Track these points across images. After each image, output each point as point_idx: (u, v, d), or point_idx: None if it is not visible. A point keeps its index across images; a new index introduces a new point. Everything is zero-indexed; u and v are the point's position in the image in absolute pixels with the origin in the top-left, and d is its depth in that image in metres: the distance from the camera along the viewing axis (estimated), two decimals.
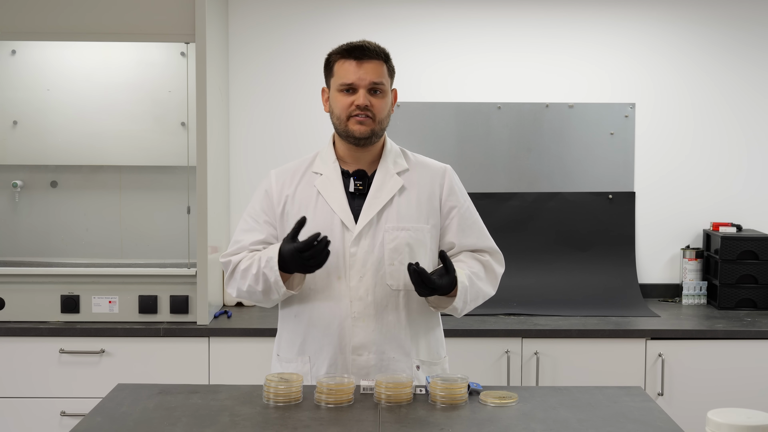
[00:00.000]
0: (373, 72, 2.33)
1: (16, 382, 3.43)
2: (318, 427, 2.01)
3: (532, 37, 4.04)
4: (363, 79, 2.32)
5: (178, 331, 3.43)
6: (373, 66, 2.34)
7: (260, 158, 4.00)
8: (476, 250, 2.48)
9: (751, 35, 4.04)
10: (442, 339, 2.53)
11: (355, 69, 2.33)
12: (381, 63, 2.36)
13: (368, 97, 2.33)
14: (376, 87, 2.34)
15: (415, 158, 2.49)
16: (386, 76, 2.37)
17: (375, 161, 2.43)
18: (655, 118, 4.06)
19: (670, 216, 4.08)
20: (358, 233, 2.35)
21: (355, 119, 2.34)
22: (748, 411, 1.90)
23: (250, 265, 2.35)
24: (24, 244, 3.84)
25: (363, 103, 2.32)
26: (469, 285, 2.35)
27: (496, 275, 2.48)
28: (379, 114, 2.35)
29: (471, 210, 2.49)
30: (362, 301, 2.35)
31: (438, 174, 2.47)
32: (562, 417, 2.11)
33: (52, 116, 3.79)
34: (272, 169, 2.51)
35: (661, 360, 3.41)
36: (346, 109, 2.34)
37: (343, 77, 2.34)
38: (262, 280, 2.31)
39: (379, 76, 2.34)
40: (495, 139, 4.03)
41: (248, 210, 2.48)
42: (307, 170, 2.45)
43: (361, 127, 2.34)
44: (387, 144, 2.46)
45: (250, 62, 4.02)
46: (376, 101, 2.34)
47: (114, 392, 2.30)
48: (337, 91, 2.36)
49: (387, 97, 2.38)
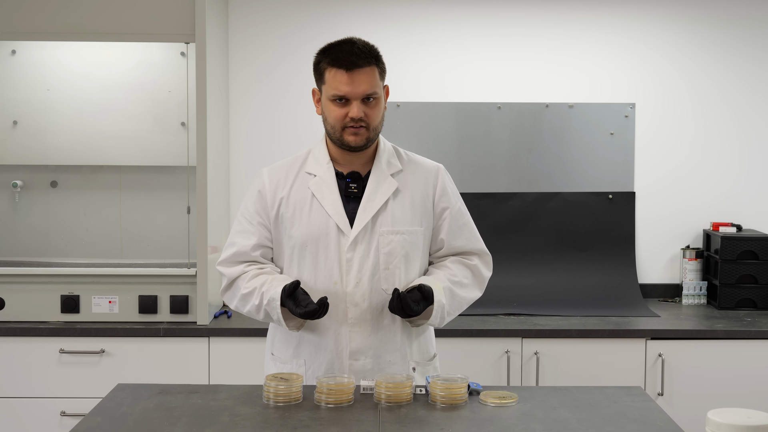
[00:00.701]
0: (366, 82, 2.28)
1: (16, 382, 3.43)
2: (318, 427, 2.01)
3: (532, 37, 4.04)
4: (356, 92, 2.28)
5: (178, 331, 3.43)
6: (365, 75, 2.28)
7: (260, 158, 4.00)
8: (465, 252, 2.47)
9: (752, 35, 4.04)
10: (432, 338, 2.54)
11: (348, 81, 2.27)
12: (373, 68, 2.30)
13: (362, 107, 2.29)
14: (369, 96, 2.30)
15: (408, 157, 2.47)
16: (378, 81, 2.32)
17: (369, 162, 2.41)
18: (655, 118, 4.06)
19: (670, 216, 4.08)
20: (354, 238, 2.34)
21: (350, 130, 2.31)
22: (748, 411, 1.90)
23: (250, 293, 2.34)
24: (24, 244, 3.84)
25: (358, 115, 2.28)
26: (449, 300, 2.36)
27: (483, 278, 2.49)
28: (373, 122, 2.32)
29: (462, 211, 2.47)
30: (358, 307, 2.34)
31: (431, 174, 2.45)
32: (562, 417, 2.11)
33: (52, 116, 3.79)
34: (264, 168, 2.47)
35: (661, 360, 3.41)
36: (340, 120, 2.30)
37: (335, 88, 2.28)
38: (264, 314, 2.33)
39: (371, 86, 2.29)
40: (495, 139, 4.03)
41: (241, 210, 2.45)
42: (300, 170, 2.42)
43: (356, 138, 2.31)
44: (380, 144, 2.43)
45: (250, 62, 4.02)
46: (371, 111, 2.31)
47: (114, 392, 2.30)
48: (329, 100, 2.31)
49: (380, 102, 2.34)
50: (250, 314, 2.38)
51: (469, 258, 2.47)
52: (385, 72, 2.37)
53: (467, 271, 2.45)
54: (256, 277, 2.36)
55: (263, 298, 2.29)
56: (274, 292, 2.27)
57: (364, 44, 2.32)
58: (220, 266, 2.43)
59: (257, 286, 2.32)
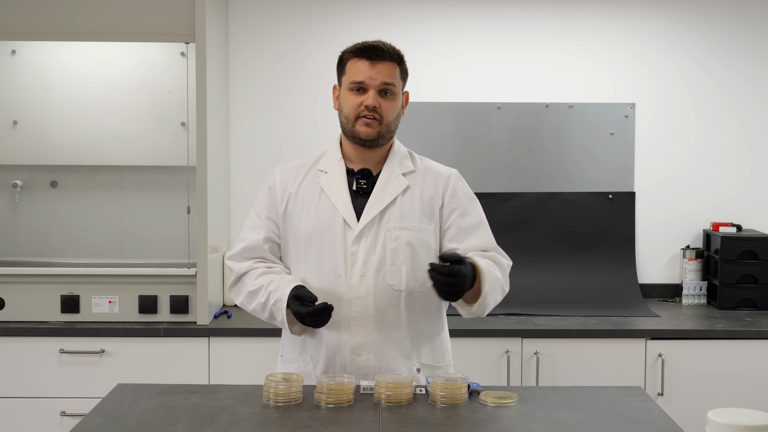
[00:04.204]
0: (385, 73, 2.32)
1: (16, 382, 3.43)
2: (318, 427, 2.01)
3: (532, 37, 4.04)
4: (374, 79, 2.31)
5: (178, 331, 3.43)
6: (385, 67, 2.32)
7: (260, 158, 4.00)
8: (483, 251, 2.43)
9: (752, 35, 4.04)
10: (447, 343, 2.50)
11: (367, 68, 2.31)
12: (394, 65, 2.35)
13: (378, 98, 2.32)
14: (386, 88, 2.32)
15: (422, 161, 2.48)
16: (398, 78, 2.36)
17: (381, 162, 2.42)
18: (656, 118, 4.06)
19: (670, 216, 4.08)
20: (359, 232, 2.34)
21: (362, 120, 2.32)
22: (748, 411, 1.90)
23: (257, 290, 2.34)
24: (24, 244, 3.84)
25: (372, 103, 2.31)
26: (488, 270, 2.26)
27: (505, 268, 2.40)
28: (387, 116, 2.33)
29: (474, 214, 2.44)
30: (362, 301, 2.34)
31: (443, 178, 2.45)
32: (562, 417, 2.10)
33: (52, 116, 3.79)
34: (277, 167, 2.50)
35: (661, 360, 3.41)
36: (354, 108, 2.33)
37: (354, 75, 2.33)
38: (269, 313, 2.33)
39: (390, 77, 2.33)
40: (495, 139, 4.03)
41: (253, 207, 2.49)
42: (312, 168, 2.44)
43: (367, 129, 2.33)
44: (395, 145, 2.45)
45: (250, 62, 4.02)
46: (386, 103, 2.33)
47: (114, 392, 2.30)
48: (347, 89, 2.35)
49: (397, 99, 2.36)
50: (255, 312, 2.38)
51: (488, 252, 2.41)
52: (407, 76, 2.41)
53: (487, 259, 2.34)
54: (264, 275, 2.36)
55: (270, 298, 2.30)
56: (282, 293, 2.27)
57: (391, 46, 2.38)
58: (229, 261, 2.46)
59: (264, 284, 2.33)
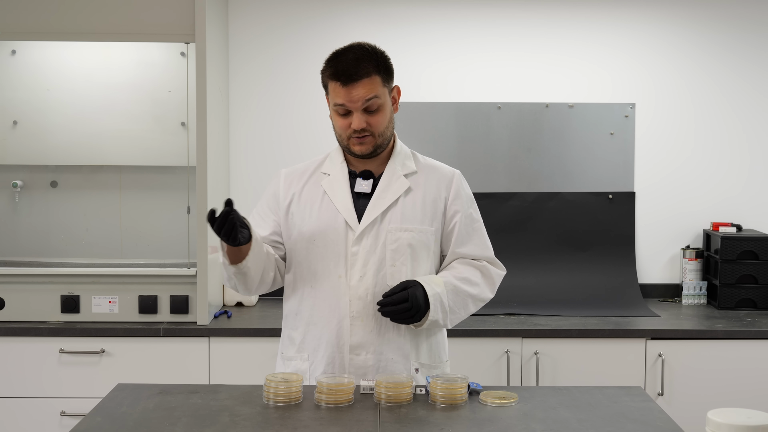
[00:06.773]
0: (365, 91, 2.25)
1: (16, 382, 3.43)
2: (318, 427, 2.01)
3: (532, 37, 4.04)
4: (355, 102, 2.26)
5: (178, 331, 3.43)
6: (362, 88, 2.25)
7: (260, 158, 4.00)
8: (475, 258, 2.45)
9: (752, 35, 4.04)
10: (444, 343, 2.51)
11: (345, 94, 2.26)
12: (372, 78, 2.27)
13: (364, 117, 2.28)
14: (370, 105, 2.28)
15: (425, 161, 2.48)
16: (380, 87, 2.29)
17: (383, 163, 2.42)
18: (656, 118, 4.06)
19: (670, 216, 4.08)
20: (360, 233, 2.35)
21: (355, 140, 2.31)
22: (748, 411, 1.90)
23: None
24: (24, 244, 3.84)
25: (359, 126, 2.28)
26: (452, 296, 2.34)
27: (494, 278, 2.46)
28: (377, 129, 2.31)
29: (474, 218, 2.46)
30: (362, 301, 2.34)
31: (446, 178, 2.45)
32: (562, 417, 2.10)
33: (52, 116, 3.79)
34: (283, 169, 2.51)
35: (661, 360, 3.41)
36: (344, 129, 2.31)
37: (335, 98, 2.29)
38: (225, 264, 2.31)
39: (371, 92, 2.26)
40: (495, 139, 4.03)
41: (257, 208, 2.50)
42: (315, 170, 2.45)
43: (362, 147, 2.33)
44: (397, 145, 2.44)
45: (250, 62, 4.02)
46: (374, 119, 2.30)
47: (114, 392, 2.30)
48: (333, 110, 2.33)
49: (384, 109, 2.32)
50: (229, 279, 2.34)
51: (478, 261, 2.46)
52: (392, 75, 2.35)
53: (474, 270, 2.42)
54: None
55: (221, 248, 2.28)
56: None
57: (365, 52, 2.29)
58: None
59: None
